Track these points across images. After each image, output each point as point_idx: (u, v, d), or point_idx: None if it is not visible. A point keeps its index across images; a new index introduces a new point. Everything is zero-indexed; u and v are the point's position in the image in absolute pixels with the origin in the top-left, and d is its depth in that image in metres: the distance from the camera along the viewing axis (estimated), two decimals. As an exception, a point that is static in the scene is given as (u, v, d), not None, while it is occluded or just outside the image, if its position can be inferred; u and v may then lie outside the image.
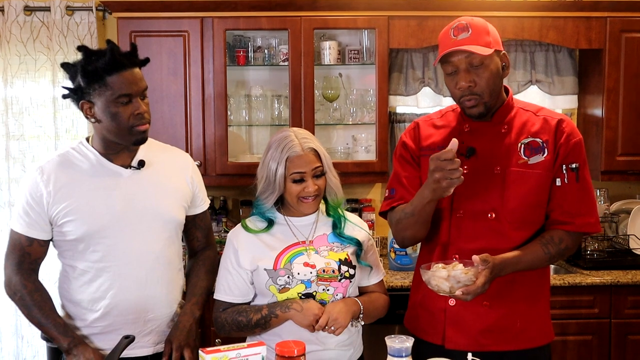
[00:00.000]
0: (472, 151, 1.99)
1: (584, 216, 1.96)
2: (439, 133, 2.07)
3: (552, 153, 1.96)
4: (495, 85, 1.94)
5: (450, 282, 1.79)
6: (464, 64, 1.90)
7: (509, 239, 1.96)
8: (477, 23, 1.94)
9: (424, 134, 2.10)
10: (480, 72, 1.90)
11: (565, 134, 1.97)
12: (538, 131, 1.98)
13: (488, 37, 1.91)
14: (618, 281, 3.20)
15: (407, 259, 3.36)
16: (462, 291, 1.78)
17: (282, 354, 1.62)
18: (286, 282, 1.94)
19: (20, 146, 3.57)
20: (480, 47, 1.88)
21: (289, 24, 3.31)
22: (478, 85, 1.91)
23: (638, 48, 3.41)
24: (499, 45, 1.95)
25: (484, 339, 1.98)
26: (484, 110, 1.95)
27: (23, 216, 1.97)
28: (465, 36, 1.91)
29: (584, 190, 1.97)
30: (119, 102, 1.91)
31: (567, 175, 1.95)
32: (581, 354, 3.21)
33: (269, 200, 1.99)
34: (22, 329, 3.59)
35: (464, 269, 1.80)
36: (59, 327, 1.96)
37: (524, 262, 1.92)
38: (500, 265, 1.86)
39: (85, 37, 3.49)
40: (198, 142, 3.35)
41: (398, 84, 3.61)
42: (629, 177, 3.52)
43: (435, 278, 1.81)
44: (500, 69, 1.95)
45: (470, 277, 1.79)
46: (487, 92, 1.92)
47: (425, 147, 2.07)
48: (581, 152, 1.98)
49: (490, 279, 1.82)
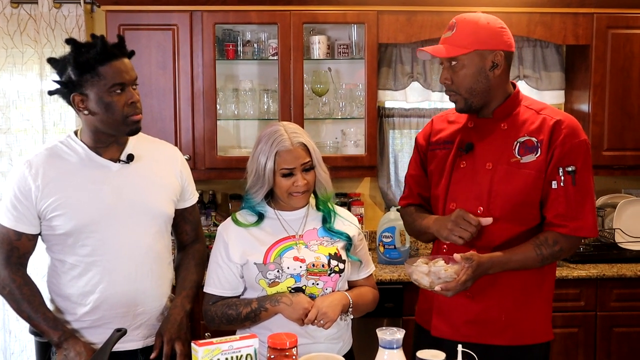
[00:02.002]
0: (470, 147, 2.03)
1: (579, 220, 1.95)
2: (449, 128, 2.13)
3: (545, 153, 1.95)
4: (476, 84, 1.96)
5: (431, 278, 1.84)
6: (445, 61, 1.98)
7: (497, 235, 1.97)
8: (467, 22, 1.96)
9: (436, 129, 2.17)
10: (456, 69, 1.96)
11: (563, 135, 1.94)
12: (535, 130, 1.98)
13: (470, 37, 1.93)
14: (604, 274, 3.24)
15: (395, 253, 3.38)
16: (442, 287, 1.83)
17: (274, 346, 1.62)
18: (276, 276, 1.94)
19: (8, 140, 3.55)
20: (448, 48, 1.93)
21: (279, 18, 3.31)
22: (454, 83, 1.98)
23: (624, 44, 3.44)
24: (488, 45, 1.94)
25: (467, 330, 2.00)
26: (464, 106, 2.00)
27: (11, 210, 1.96)
28: (448, 35, 1.98)
29: (581, 194, 1.95)
30: (113, 92, 1.91)
31: (564, 178, 1.94)
32: (567, 346, 3.25)
33: (259, 194, 2.00)
34: (9, 323, 3.57)
35: (445, 266, 1.84)
36: (49, 320, 1.95)
37: (514, 262, 1.93)
38: (486, 264, 1.88)
39: (73, 30, 3.47)
40: (187, 136, 3.35)
41: (387, 78, 3.62)
42: (614, 171, 3.56)
43: (416, 272, 1.86)
44: (487, 69, 1.96)
45: (450, 274, 1.83)
46: (464, 90, 1.97)
47: (434, 142, 2.15)
48: (580, 155, 1.95)
49: (473, 277, 1.85)
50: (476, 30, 1.94)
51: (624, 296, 3.27)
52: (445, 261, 1.87)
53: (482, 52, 1.94)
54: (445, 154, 2.09)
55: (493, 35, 1.96)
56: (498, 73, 1.98)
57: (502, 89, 2.02)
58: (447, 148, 2.09)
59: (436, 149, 2.13)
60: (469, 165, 2.02)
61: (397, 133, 3.74)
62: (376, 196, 3.82)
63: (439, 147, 2.12)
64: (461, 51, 1.92)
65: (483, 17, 1.97)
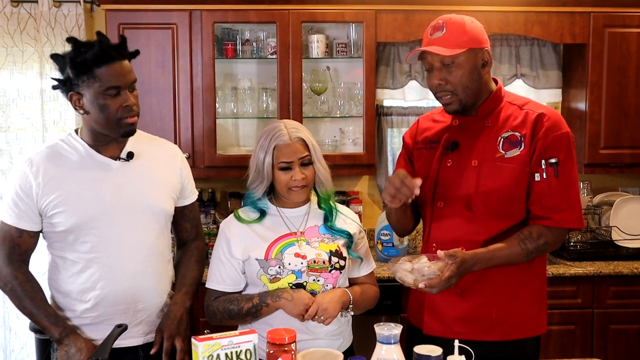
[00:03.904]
0: (455, 145, 2.04)
1: (563, 212, 1.95)
2: (434, 127, 2.14)
3: (528, 147, 1.96)
4: (471, 82, 1.97)
5: (415, 275, 1.84)
6: (437, 62, 1.97)
7: (484, 231, 1.98)
8: (455, 22, 1.97)
9: (422, 128, 2.19)
10: (452, 70, 1.95)
11: (545, 128, 1.95)
12: (518, 125, 1.99)
13: (463, 36, 1.94)
14: (600, 272, 3.26)
15: (394, 250, 3.40)
16: (425, 284, 1.83)
17: (273, 341, 1.64)
18: (277, 272, 1.96)
19: (8, 138, 3.56)
20: (446, 48, 1.92)
21: (277, 17, 3.32)
22: (450, 83, 1.97)
23: (621, 43, 3.45)
24: (478, 44, 1.96)
25: (459, 327, 2.01)
26: (458, 107, 2.00)
27: (13, 207, 1.97)
28: (438, 35, 1.97)
29: (565, 186, 1.95)
30: (107, 94, 1.91)
31: (546, 170, 1.94)
32: (564, 343, 3.26)
33: (259, 190, 2.02)
34: (9, 320, 3.57)
35: (429, 263, 1.85)
36: (50, 317, 1.97)
37: (498, 257, 1.93)
38: (471, 261, 1.89)
39: (73, 29, 3.48)
40: (186, 134, 3.36)
41: (385, 77, 3.64)
42: (611, 169, 3.58)
43: (400, 270, 1.87)
44: (479, 67, 1.97)
45: (434, 271, 1.83)
46: (460, 89, 1.97)
47: (420, 141, 2.16)
48: (562, 147, 1.96)
49: (457, 273, 1.85)
50: (465, 29, 1.95)
51: (621, 293, 3.29)
52: (429, 259, 1.88)
53: (474, 50, 1.96)
54: (431, 153, 2.10)
55: (479, 34, 1.98)
56: (487, 70, 2.01)
57: (487, 87, 2.04)
58: (433, 147, 2.11)
59: (422, 148, 2.14)
60: (454, 163, 2.04)
61: (395, 131, 3.75)
62: (374, 194, 3.84)
63: (425, 146, 2.14)
64: (459, 50, 1.94)
65: (466, 17, 1.99)
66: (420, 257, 1.90)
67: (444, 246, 1.93)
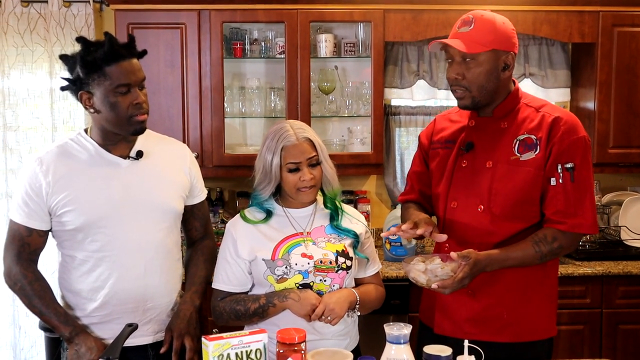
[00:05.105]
0: (470, 146, 2.04)
1: (578, 217, 1.94)
2: (451, 127, 2.14)
3: (543, 150, 1.95)
4: (488, 82, 1.96)
5: (428, 275, 1.85)
6: (457, 56, 1.96)
7: (498, 232, 1.98)
8: (485, 19, 1.95)
9: (438, 127, 2.19)
10: (471, 66, 1.95)
11: (561, 132, 1.95)
12: (534, 128, 1.98)
13: (489, 35, 1.93)
14: (609, 272, 3.24)
15: (402, 250, 3.39)
16: (439, 285, 1.83)
17: (283, 341, 1.64)
18: (284, 272, 1.96)
19: (17, 137, 3.58)
20: (466, 45, 1.91)
21: (286, 16, 3.32)
22: (466, 79, 1.96)
23: (630, 42, 3.44)
24: (504, 46, 1.95)
25: (469, 327, 2.01)
26: (470, 103, 2.00)
27: (22, 206, 1.98)
28: (465, 30, 1.95)
29: (580, 191, 1.95)
30: (118, 92, 1.92)
31: (562, 174, 1.94)
32: (573, 343, 3.25)
33: (266, 191, 2.02)
34: (19, 319, 3.60)
35: (442, 263, 1.85)
36: (60, 316, 1.98)
37: (512, 259, 1.93)
38: (484, 262, 1.89)
39: (83, 29, 3.50)
40: (195, 133, 3.37)
41: (393, 76, 3.64)
42: (620, 169, 3.56)
43: (413, 271, 1.87)
44: (499, 69, 1.96)
45: (447, 272, 1.84)
46: (475, 87, 1.96)
47: (436, 141, 2.16)
48: (578, 152, 1.95)
49: (470, 274, 1.85)
50: (494, 29, 1.94)
51: (630, 293, 3.28)
52: (442, 259, 1.88)
53: (498, 52, 1.95)
54: (446, 153, 2.10)
55: (508, 37, 1.97)
56: (508, 75, 2.00)
57: (506, 89, 2.03)
58: (448, 147, 2.11)
59: (438, 147, 2.15)
60: (469, 164, 2.04)
61: (403, 131, 3.75)
62: (382, 194, 3.84)
63: (441, 146, 2.14)
64: (481, 48, 1.92)
65: (498, 17, 1.98)
66: (433, 257, 1.90)
67: (456, 246, 1.93)
